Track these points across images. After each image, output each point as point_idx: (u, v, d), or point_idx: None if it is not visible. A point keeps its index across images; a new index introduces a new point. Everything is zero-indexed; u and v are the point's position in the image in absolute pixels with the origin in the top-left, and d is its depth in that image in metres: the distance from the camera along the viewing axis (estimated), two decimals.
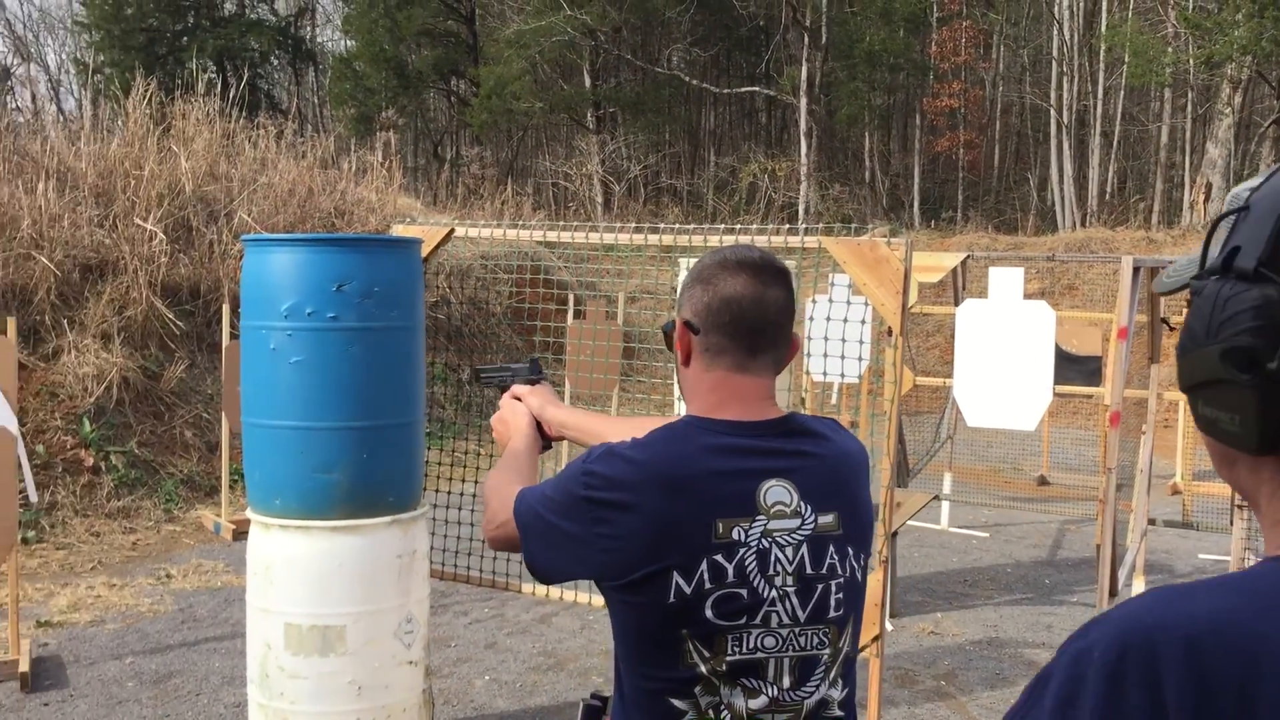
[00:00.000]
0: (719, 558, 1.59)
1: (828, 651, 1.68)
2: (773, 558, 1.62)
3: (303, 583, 3.77)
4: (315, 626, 3.75)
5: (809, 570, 1.64)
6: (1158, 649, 0.76)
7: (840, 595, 1.68)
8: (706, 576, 1.59)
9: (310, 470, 3.73)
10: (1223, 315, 0.82)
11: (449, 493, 5.15)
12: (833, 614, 1.68)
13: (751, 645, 1.62)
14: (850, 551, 1.70)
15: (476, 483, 5.55)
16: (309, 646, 3.76)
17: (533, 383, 2.24)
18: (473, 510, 5.09)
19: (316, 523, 3.76)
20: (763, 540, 1.61)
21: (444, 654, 5.68)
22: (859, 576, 1.73)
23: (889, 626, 6.17)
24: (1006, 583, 7.39)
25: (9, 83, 33.42)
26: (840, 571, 1.68)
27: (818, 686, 1.67)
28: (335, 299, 3.69)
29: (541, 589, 4.79)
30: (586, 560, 1.65)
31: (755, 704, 1.63)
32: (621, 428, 2.04)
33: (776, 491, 1.63)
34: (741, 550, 1.60)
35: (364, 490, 3.79)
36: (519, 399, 2.20)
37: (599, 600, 4.63)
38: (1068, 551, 8.35)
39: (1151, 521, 6.03)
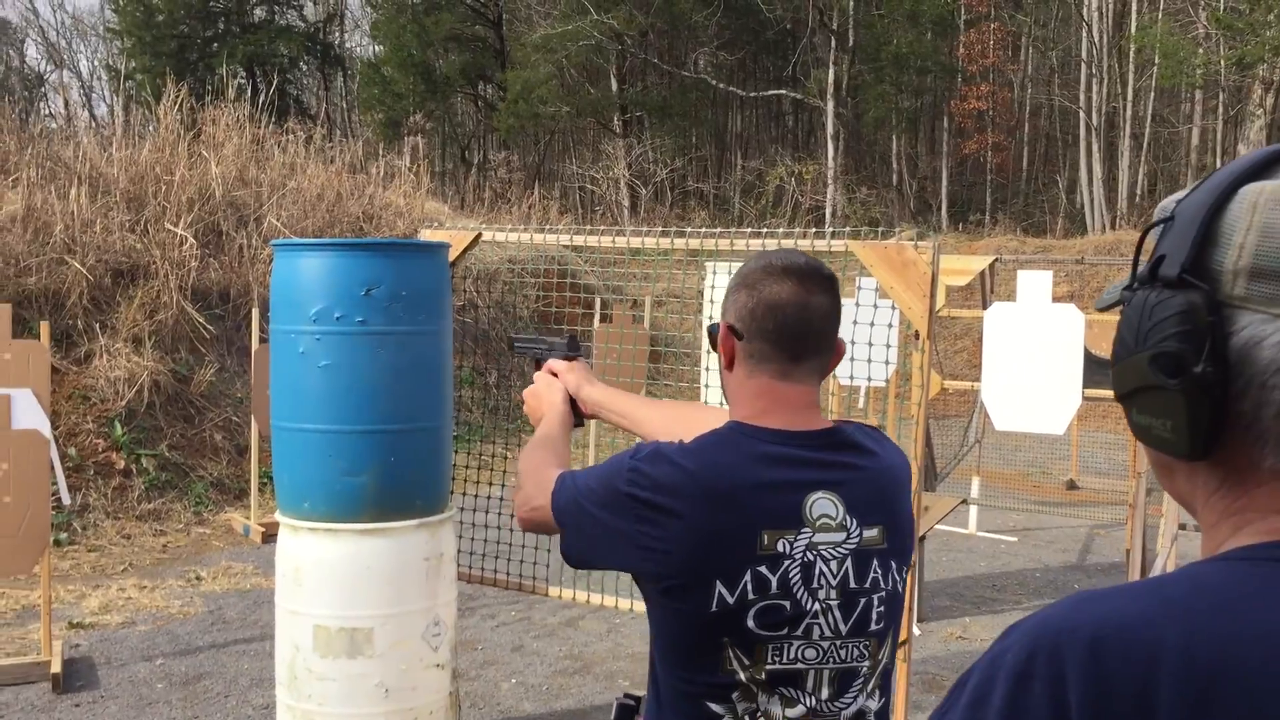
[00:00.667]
0: (763, 569, 1.58)
1: (867, 664, 1.68)
2: (817, 571, 1.61)
3: (331, 585, 3.79)
4: (343, 629, 3.77)
5: (852, 584, 1.64)
6: (1063, 650, 0.78)
7: (882, 609, 1.68)
8: (750, 587, 1.58)
9: (339, 473, 3.75)
10: (1150, 323, 0.84)
11: (476, 496, 5.16)
12: (874, 627, 1.67)
13: (792, 656, 1.61)
14: (893, 565, 1.69)
15: (504, 486, 5.56)
16: (337, 648, 3.78)
17: (570, 359, 2.20)
18: (499, 514, 5.11)
19: (345, 525, 3.78)
20: (807, 553, 1.60)
21: (471, 657, 5.70)
22: (900, 589, 1.72)
23: (916, 631, 6.14)
24: (1035, 587, 7.35)
25: (42, 89, 33.81)
26: (883, 585, 1.68)
27: (855, 698, 1.67)
28: (363, 303, 3.71)
29: (568, 592, 4.79)
30: (624, 555, 1.64)
31: (792, 713, 1.63)
32: (658, 412, 2.04)
33: (823, 504, 1.62)
34: (786, 562, 1.59)
35: (392, 493, 3.81)
36: (555, 375, 2.18)
37: (625, 604, 4.63)
38: (1097, 556, 8.30)
39: (1182, 526, 5.98)
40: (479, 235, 4.77)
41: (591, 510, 1.67)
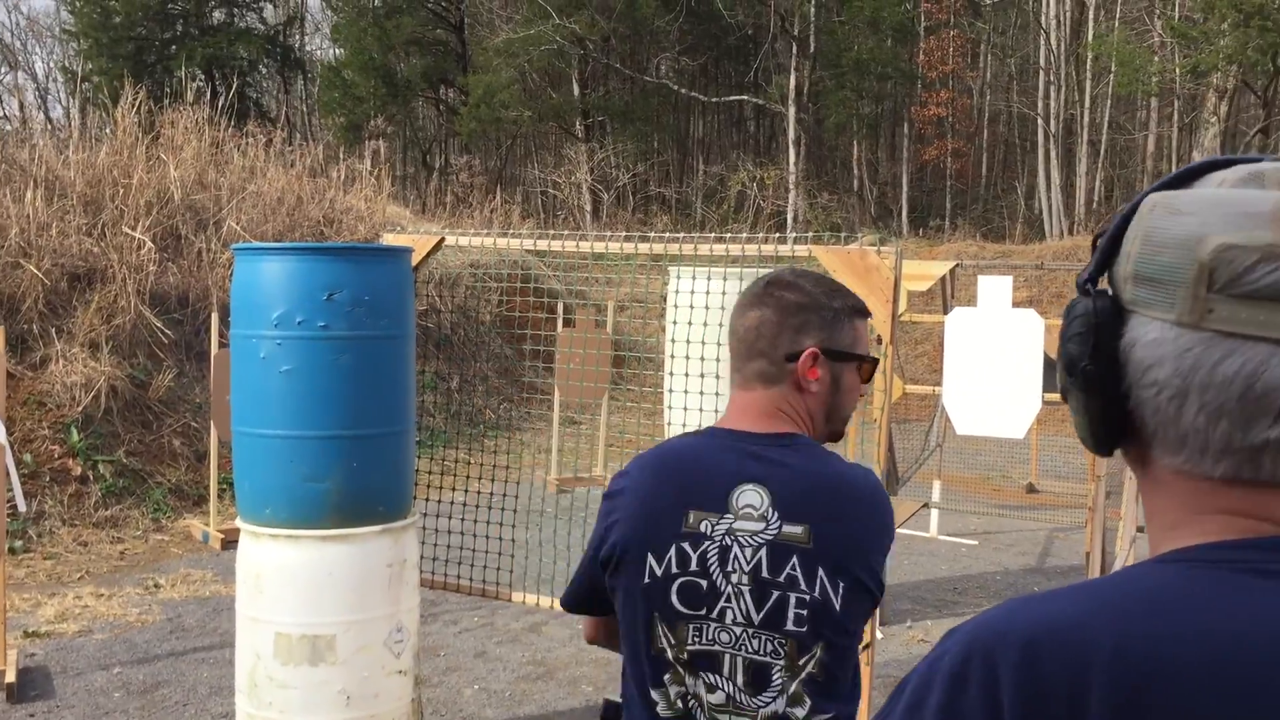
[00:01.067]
0: (686, 545, 1.73)
1: (782, 663, 1.69)
2: (733, 555, 1.72)
3: (293, 592, 3.76)
4: (305, 636, 3.74)
5: (765, 574, 1.70)
6: (997, 654, 0.79)
7: (802, 611, 1.68)
8: (674, 561, 1.73)
9: (300, 479, 3.73)
10: (1065, 325, 0.91)
11: (439, 501, 5.14)
12: (790, 626, 1.68)
13: (709, 637, 1.72)
14: (821, 571, 1.68)
15: (466, 491, 5.55)
16: (299, 656, 3.75)
17: None
18: (462, 519, 5.09)
19: (307, 532, 3.75)
20: (726, 537, 1.72)
21: (433, 663, 5.67)
22: (833, 600, 1.69)
23: (878, 634, 6.17)
24: (996, 590, 7.41)
25: None
26: (803, 586, 1.68)
27: (774, 699, 1.69)
28: (325, 308, 3.69)
29: (531, 598, 4.78)
30: (598, 556, 1.82)
31: (714, 699, 1.72)
32: None
33: (749, 495, 1.73)
34: (706, 543, 1.73)
35: (354, 499, 3.79)
36: None
37: None
38: (1056, 559, 8.38)
39: (1140, 529, 6.04)
40: (442, 240, 4.75)
41: (589, 547, 1.87)
